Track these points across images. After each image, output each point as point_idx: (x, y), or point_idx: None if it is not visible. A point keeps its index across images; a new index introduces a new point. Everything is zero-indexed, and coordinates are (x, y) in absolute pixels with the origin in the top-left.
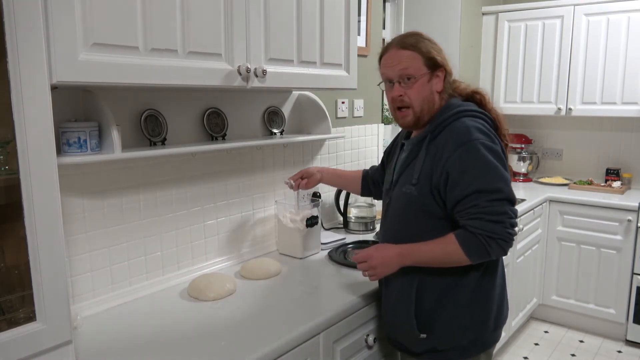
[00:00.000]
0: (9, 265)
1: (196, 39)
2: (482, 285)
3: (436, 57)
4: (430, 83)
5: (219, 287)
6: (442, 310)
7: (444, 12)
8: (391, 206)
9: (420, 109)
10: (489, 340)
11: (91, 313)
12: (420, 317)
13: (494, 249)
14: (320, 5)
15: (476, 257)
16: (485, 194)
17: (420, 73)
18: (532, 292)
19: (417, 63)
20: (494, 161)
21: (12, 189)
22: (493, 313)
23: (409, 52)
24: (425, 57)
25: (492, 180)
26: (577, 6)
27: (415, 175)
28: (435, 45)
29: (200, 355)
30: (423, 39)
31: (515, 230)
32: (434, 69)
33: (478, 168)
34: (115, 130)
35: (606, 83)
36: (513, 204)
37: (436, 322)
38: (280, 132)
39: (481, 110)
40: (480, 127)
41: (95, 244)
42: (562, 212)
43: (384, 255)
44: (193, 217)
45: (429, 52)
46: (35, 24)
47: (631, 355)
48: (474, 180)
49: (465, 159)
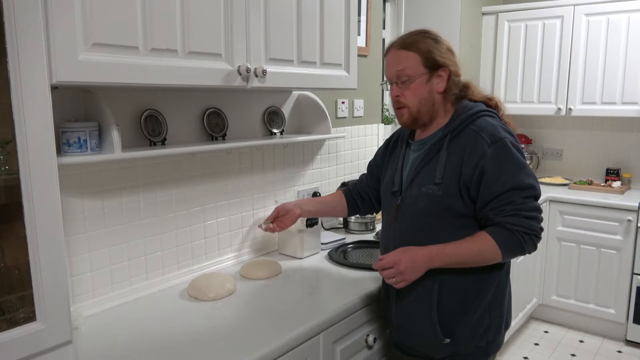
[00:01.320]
0: (9, 265)
1: (196, 39)
2: (500, 286)
3: (436, 57)
4: (430, 83)
5: (219, 287)
6: (465, 313)
7: (444, 12)
8: (406, 207)
9: (417, 110)
10: (501, 341)
11: (91, 313)
12: (442, 321)
13: (529, 245)
14: (320, 5)
15: (510, 254)
16: (520, 191)
17: (417, 73)
18: (532, 292)
19: (415, 63)
20: (523, 159)
21: (12, 189)
22: (505, 313)
23: (407, 52)
24: (424, 57)
25: (526, 177)
26: (577, 6)
27: (438, 175)
28: (440, 45)
29: (200, 355)
30: (426, 38)
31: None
32: (434, 69)
33: (512, 166)
34: (115, 130)
35: (606, 83)
36: (538, 199)
37: (459, 326)
38: (280, 132)
39: (493, 110)
40: (503, 126)
41: (95, 244)
42: (562, 212)
43: (413, 258)
44: (193, 217)
45: (428, 52)
46: (35, 24)
47: (631, 355)
48: (511, 177)
49: (500, 157)
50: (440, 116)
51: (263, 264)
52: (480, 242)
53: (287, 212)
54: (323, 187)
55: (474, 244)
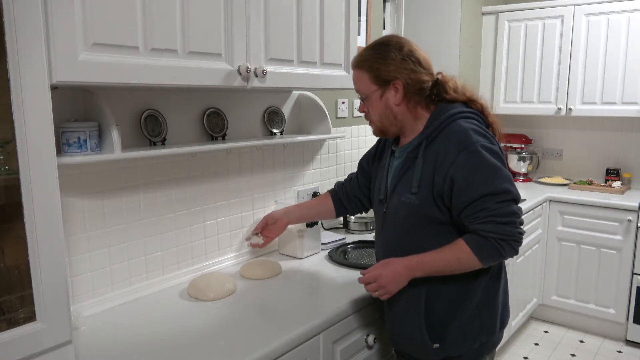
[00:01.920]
0: (9, 265)
1: (196, 39)
2: (490, 288)
3: (382, 73)
4: (384, 98)
5: (219, 287)
6: (453, 318)
7: (444, 12)
8: (390, 216)
9: (381, 124)
10: (496, 341)
11: (91, 313)
12: (431, 327)
13: (507, 250)
14: (320, 5)
15: (489, 261)
16: (493, 197)
17: (369, 91)
18: (532, 292)
19: (365, 81)
20: (497, 163)
21: (12, 189)
22: (499, 314)
23: (357, 72)
24: (372, 74)
25: (498, 182)
26: (577, 6)
27: (414, 184)
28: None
29: (200, 355)
30: (376, 52)
31: (523, 229)
32: (385, 84)
33: (483, 172)
34: (115, 130)
35: (606, 83)
36: (518, 202)
37: (448, 330)
38: (280, 132)
39: (472, 110)
40: (477, 129)
41: (95, 244)
42: (562, 212)
43: (393, 271)
44: (193, 217)
45: (375, 69)
46: (35, 24)
47: (631, 355)
48: (481, 184)
49: (469, 163)
50: (413, 123)
51: (263, 264)
52: (457, 251)
53: (275, 220)
54: (323, 187)
55: (451, 253)
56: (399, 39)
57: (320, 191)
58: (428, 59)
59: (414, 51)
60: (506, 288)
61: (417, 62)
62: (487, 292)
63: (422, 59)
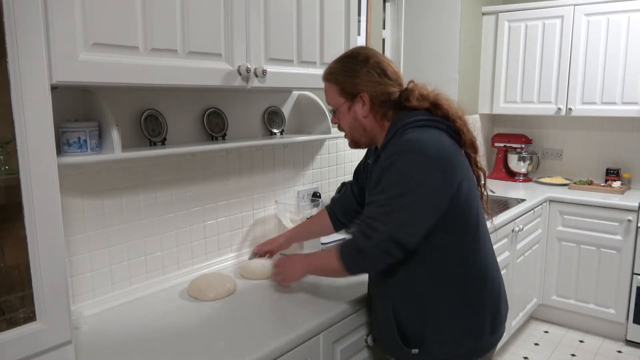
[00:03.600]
0: (9, 265)
1: (196, 39)
2: (469, 292)
3: (349, 87)
4: (352, 110)
5: (219, 287)
6: (427, 324)
7: (444, 12)
8: None
9: (352, 135)
10: (486, 346)
11: (91, 313)
12: (405, 332)
13: (360, 262)
14: (320, 5)
15: (350, 266)
16: (378, 204)
17: (338, 104)
18: (532, 292)
19: (334, 94)
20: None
21: (12, 189)
22: (488, 319)
23: (327, 84)
24: (340, 87)
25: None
26: (577, 6)
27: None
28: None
29: (200, 355)
30: (343, 65)
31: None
32: (353, 97)
33: (390, 180)
34: (115, 130)
35: (606, 83)
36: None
37: (425, 336)
38: (280, 132)
39: (432, 117)
40: (423, 138)
41: (95, 244)
42: (562, 212)
43: (292, 267)
44: (193, 217)
45: (342, 82)
46: (35, 24)
47: (631, 355)
48: (380, 191)
49: (386, 170)
50: (381, 135)
51: (263, 264)
52: (329, 254)
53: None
54: (323, 187)
55: (326, 255)
56: (366, 51)
57: (320, 191)
58: (397, 69)
59: (380, 63)
60: (499, 290)
61: (383, 74)
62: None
63: (389, 70)
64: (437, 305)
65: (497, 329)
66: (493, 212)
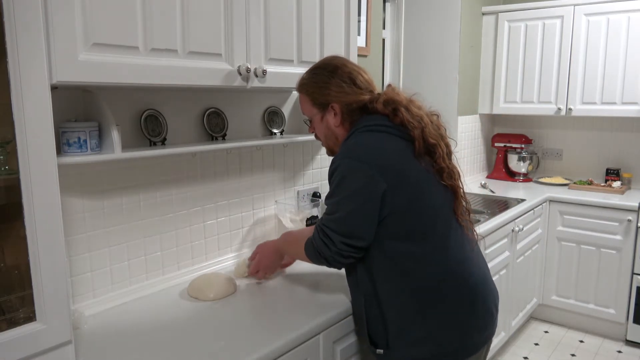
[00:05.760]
0: (9, 265)
1: (196, 39)
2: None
3: (319, 98)
4: (325, 120)
5: (219, 287)
6: (384, 325)
7: (444, 12)
8: None
9: (327, 144)
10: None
11: (91, 313)
12: (375, 332)
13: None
14: (320, 5)
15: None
16: (328, 210)
17: (312, 114)
18: (532, 292)
19: (307, 105)
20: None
21: (12, 189)
22: (457, 327)
23: (301, 95)
24: (311, 98)
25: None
26: (577, 6)
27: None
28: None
29: (201, 355)
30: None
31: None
32: (324, 107)
33: (331, 186)
34: (115, 130)
35: (606, 83)
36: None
37: (389, 337)
38: (280, 132)
39: (384, 123)
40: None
41: (95, 244)
42: (562, 212)
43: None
44: (193, 217)
45: (313, 93)
46: (35, 24)
47: (631, 355)
48: (328, 196)
49: (331, 175)
50: None
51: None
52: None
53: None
54: (323, 187)
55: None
56: (335, 62)
57: (320, 191)
58: (368, 78)
59: (350, 72)
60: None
61: (353, 83)
62: (427, 301)
63: (358, 79)
64: (396, 309)
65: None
66: (493, 212)
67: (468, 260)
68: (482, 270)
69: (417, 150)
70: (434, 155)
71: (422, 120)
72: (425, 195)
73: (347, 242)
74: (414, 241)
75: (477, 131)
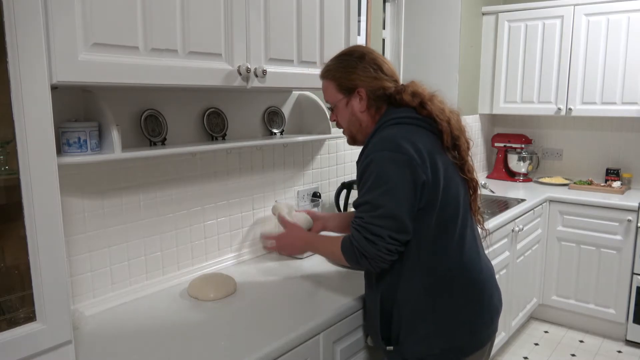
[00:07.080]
0: (9, 265)
1: (196, 39)
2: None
3: (346, 82)
4: (350, 106)
5: (219, 287)
6: (403, 322)
7: (444, 12)
8: None
9: (349, 131)
10: (464, 346)
11: (91, 313)
12: (389, 329)
13: (364, 264)
14: (320, 5)
15: (352, 264)
16: (369, 207)
17: (336, 100)
18: (532, 292)
19: (332, 91)
20: (389, 174)
21: (12, 189)
22: (466, 322)
23: (325, 82)
24: (337, 83)
25: (377, 194)
26: (577, 6)
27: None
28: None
29: (200, 355)
30: (340, 62)
31: (387, 257)
32: (350, 92)
33: (372, 182)
34: (115, 130)
35: (606, 83)
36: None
37: (401, 334)
38: (280, 132)
39: (414, 115)
40: (399, 135)
41: (95, 244)
42: (562, 212)
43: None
44: (193, 217)
45: (339, 78)
46: (35, 24)
47: (631, 355)
48: (364, 192)
49: (367, 170)
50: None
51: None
52: (333, 244)
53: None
54: (323, 187)
55: (330, 244)
56: (362, 49)
57: (320, 191)
58: (392, 67)
59: (375, 59)
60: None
61: (379, 69)
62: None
63: (384, 67)
64: (410, 306)
65: (476, 331)
66: (493, 212)
67: (479, 256)
68: (490, 266)
69: (445, 143)
70: (459, 149)
71: (447, 114)
72: (451, 188)
73: (395, 236)
74: (437, 234)
75: (477, 131)
